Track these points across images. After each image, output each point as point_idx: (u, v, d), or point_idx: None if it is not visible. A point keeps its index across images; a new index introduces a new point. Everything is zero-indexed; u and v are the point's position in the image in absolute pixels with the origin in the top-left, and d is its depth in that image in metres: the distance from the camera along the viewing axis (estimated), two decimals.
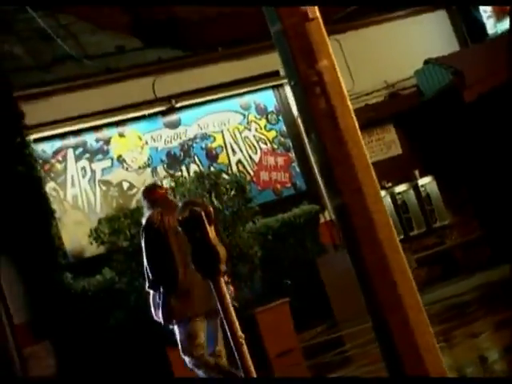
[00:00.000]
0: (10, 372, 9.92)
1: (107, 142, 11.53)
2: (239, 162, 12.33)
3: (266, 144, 12.60)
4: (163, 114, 11.86)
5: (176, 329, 6.95)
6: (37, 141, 10.75)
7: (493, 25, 13.58)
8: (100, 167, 11.46)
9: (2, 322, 9.92)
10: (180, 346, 6.95)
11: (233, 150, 12.32)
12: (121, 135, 11.63)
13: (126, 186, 11.56)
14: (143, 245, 6.95)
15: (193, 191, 10.47)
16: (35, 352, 10.12)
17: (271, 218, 11.67)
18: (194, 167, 11.91)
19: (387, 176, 12.17)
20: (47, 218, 10.37)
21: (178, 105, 11.83)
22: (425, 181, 12.92)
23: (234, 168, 12.21)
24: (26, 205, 10.19)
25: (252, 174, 12.37)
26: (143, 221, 7.08)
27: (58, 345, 10.18)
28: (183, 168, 11.92)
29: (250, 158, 12.44)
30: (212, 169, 11.78)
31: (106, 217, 10.52)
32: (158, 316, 7.00)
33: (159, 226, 6.86)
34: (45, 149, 11.02)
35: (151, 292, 6.99)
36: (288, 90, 12.39)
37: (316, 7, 3.33)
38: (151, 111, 11.72)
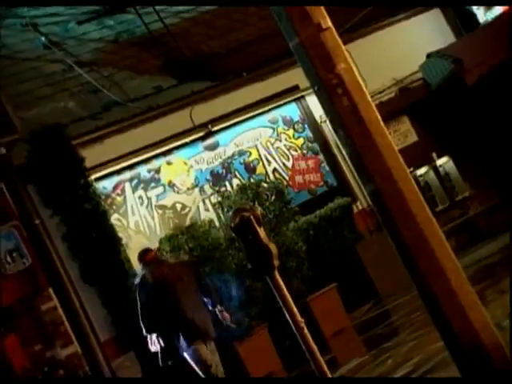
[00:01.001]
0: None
1: (157, 171, 11.58)
2: (275, 170, 12.32)
3: (296, 151, 12.57)
4: (202, 138, 11.89)
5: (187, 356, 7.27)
6: (97, 179, 10.83)
7: (483, 14, 13.49)
8: (154, 194, 11.50)
9: (90, 340, 10.01)
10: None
11: (268, 161, 12.31)
12: (168, 163, 11.67)
13: (179, 207, 11.60)
14: (137, 298, 7.53)
15: (238, 202, 10.51)
16: (122, 363, 10.19)
17: (310, 215, 11.59)
18: (236, 181, 11.91)
19: (408, 162, 11.86)
20: (115, 246, 10.41)
21: (214, 129, 11.85)
22: (442, 161, 12.79)
23: (271, 176, 12.19)
24: (97, 236, 10.26)
25: (288, 178, 12.34)
26: (137, 279, 7.73)
27: (141, 354, 10.23)
28: (226, 183, 11.92)
29: (284, 165, 12.42)
30: (252, 180, 11.78)
31: (165, 236, 10.60)
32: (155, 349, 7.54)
33: (153, 281, 7.49)
34: (105, 185, 11.09)
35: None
36: (309, 100, 12.39)
37: (327, 18, 3.32)
38: (191, 138, 11.74)
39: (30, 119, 10.83)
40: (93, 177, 10.64)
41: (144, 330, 7.45)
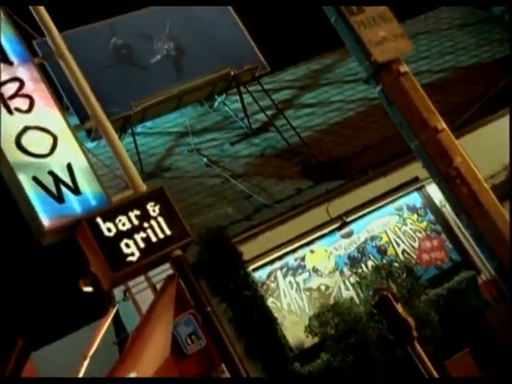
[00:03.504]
0: None
1: (303, 259, 11.58)
2: (404, 251, 12.00)
3: (421, 233, 12.22)
4: (339, 228, 11.81)
5: None
6: (254, 270, 10.96)
7: None
8: (302, 279, 11.45)
9: None
10: None
11: (397, 243, 12.04)
12: (311, 252, 11.66)
13: (323, 288, 11.47)
14: None
15: (373, 281, 10.35)
16: None
17: (439, 288, 11.15)
18: (370, 263, 11.67)
19: None
20: (273, 325, 10.39)
21: (348, 219, 11.76)
22: None
23: (401, 256, 11.86)
24: (257, 318, 10.30)
25: (415, 257, 11.94)
26: None
27: None
28: (362, 265, 11.70)
29: (412, 246, 12.09)
30: (384, 261, 11.56)
31: (313, 315, 10.56)
32: None
33: None
34: (260, 274, 11.19)
35: None
36: (428, 188, 12.13)
37: (442, 121, 3.29)
38: (329, 229, 11.70)
39: (198, 224, 11.29)
40: (250, 268, 10.79)
41: None
